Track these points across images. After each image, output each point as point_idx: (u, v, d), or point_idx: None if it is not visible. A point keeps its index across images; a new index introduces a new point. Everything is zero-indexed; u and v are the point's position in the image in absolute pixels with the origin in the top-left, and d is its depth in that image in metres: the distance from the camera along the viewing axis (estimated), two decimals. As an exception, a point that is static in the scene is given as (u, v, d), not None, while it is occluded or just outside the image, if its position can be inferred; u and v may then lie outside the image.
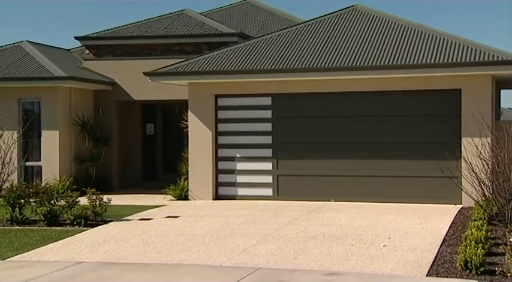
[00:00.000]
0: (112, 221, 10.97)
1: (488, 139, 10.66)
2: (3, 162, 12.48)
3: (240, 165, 13.85)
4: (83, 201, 11.25)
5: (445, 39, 12.97)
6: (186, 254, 8.37)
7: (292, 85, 13.38)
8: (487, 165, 9.73)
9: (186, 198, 13.88)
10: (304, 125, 13.44)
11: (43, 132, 15.46)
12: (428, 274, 7.21)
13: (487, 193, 9.73)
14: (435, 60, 12.26)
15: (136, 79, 15.81)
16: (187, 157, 14.18)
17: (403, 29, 13.87)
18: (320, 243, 8.79)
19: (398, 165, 12.77)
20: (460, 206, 11.96)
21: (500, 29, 44.05)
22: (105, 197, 11.12)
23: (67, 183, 14.74)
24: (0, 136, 12.87)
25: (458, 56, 12.25)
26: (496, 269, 7.16)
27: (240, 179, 13.82)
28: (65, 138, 15.55)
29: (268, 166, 13.64)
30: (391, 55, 12.75)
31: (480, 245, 7.65)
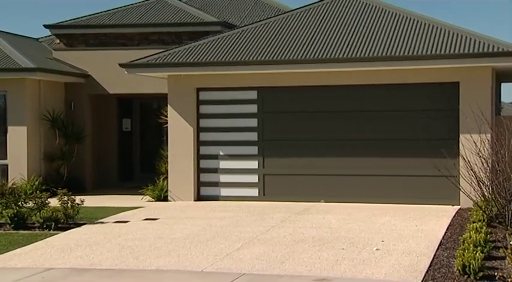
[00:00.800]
0: (85, 223, 10.92)
1: (488, 136, 10.75)
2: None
3: (223, 164, 13.84)
4: (54, 202, 11.19)
5: (442, 29, 13.05)
6: (166, 259, 8.34)
7: (280, 78, 13.38)
8: (487, 163, 9.81)
9: (165, 199, 13.85)
10: (292, 120, 13.45)
11: (9, 128, 15.32)
12: (424, 279, 7.25)
13: (486, 193, 9.81)
14: (431, 51, 12.32)
15: (111, 71, 15.73)
16: (167, 155, 14.14)
17: (397, 18, 13.94)
18: (309, 247, 8.81)
19: (392, 164, 12.83)
20: (458, 207, 12.05)
21: (500, 19, 44.41)
22: (78, 198, 11.08)
23: (36, 183, 14.65)
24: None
25: (456, 46, 12.33)
26: (495, 273, 7.22)
27: (223, 178, 13.81)
28: (34, 134, 15.43)
29: (253, 165, 13.64)
30: (385, 46, 12.80)
31: (479, 248, 7.71)
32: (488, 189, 9.77)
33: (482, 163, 9.82)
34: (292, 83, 13.37)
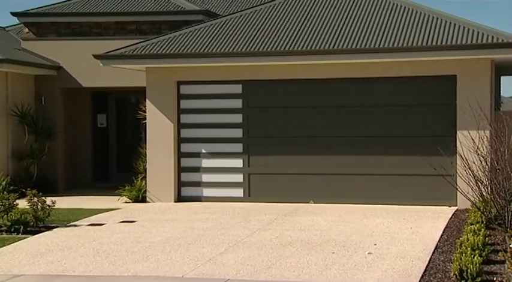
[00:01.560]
0: (57, 227, 10.88)
1: (487, 132, 10.83)
2: None
3: (206, 162, 13.83)
4: (22, 204, 11.14)
5: (438, 19, 13.12)
6: (144, 264, 8.33)
7: (266, 71, 13.38)
8: (485, 161, 9.88)
9: (143, 200, 13.83)
10: (280, 116, 13.47)
11: (-25, 124, 15.21)
12: (419, 285, 7.31)
13: (485, 193, 9.88)
14: (427, 42, 12.39)
15: (85, 63, 15.64)
16: (145, 153, 14.12)
17: (390, 7, 13.99)
18: (297, 251, 8.83)
19: (386, 162, 12.89)
20: (455, 207, 12.14)
21: (500, 9, 44.71)
22: (49, 200, 11.02)
23: (3, 183, 14.53)
24: None
25: (453, 37, 12.41)
26: (494, 279, 7.28)
27: (206, 178, 13.80)
28: (0, 131, 15.31)
29: (238, 163, 13.64)
30: (377, 37, 12.85)
31: (477, 252, 7.77)
32: (487, 189, 9.84)
33: (481, 161, 9.89)
34: (279, 76, 13.38)
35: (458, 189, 10.45)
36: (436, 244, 9.13)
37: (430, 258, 8.32)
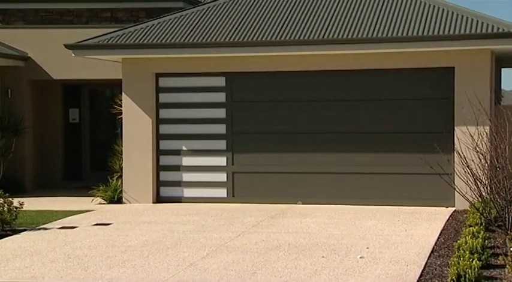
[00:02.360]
0: (25, 230, 10.85)
1: (487, 128, 10.89)
2: None
3: (186, 161, 13.83)
4: (-12, 205, 11.05)
5: (435, 7, 13.18)
6: (119, 269, 8.32)
7: (252, 62, 13.39)
8: (485, 159, 9.94)
9: (119, 201, 13.81)
10: (266, 111, 13.49)
11: None
12: (414, 291, 7.36)
13: (484, 193, 9.94)
14: (423, 32, 12.45)
15: (55, 53, 15.57)
16: (121, 150, 14.09)
17: (385, -6, 14.03)
18: (284, 255, 8.86)
19: (378, 160, 12.96)
20: (453, 208, 12.23)
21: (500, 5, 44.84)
22: (16, 201, 10.98)
23: (-34, 183, 14.43)
24: None
25: (451, 27, 12.47)
26: (494, 283, 7.34)
27: (186, 177, 13.80)
28: (-35, 126, 15.20)
29: (221, 161, 13.65)
30: (370, 26, 12.89)
31: (476, 255, 7.83)
32: (487, 188, 9.90)
33: (480, 159, 9.95)
34: (265, 68, 13.39)
35: (456, 189, 10.52)
36: (433, 247, 9.20)
37: (426, 263, 8.38)
